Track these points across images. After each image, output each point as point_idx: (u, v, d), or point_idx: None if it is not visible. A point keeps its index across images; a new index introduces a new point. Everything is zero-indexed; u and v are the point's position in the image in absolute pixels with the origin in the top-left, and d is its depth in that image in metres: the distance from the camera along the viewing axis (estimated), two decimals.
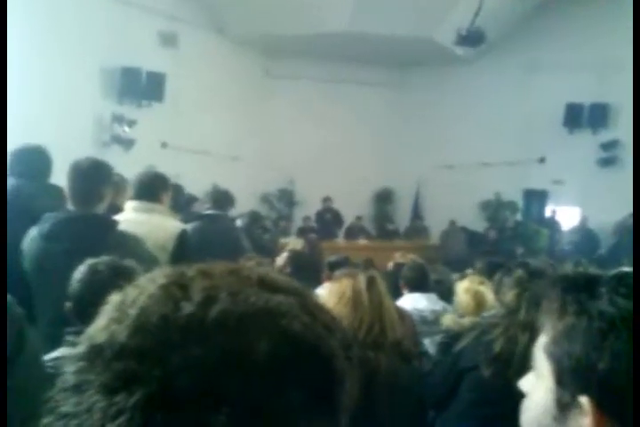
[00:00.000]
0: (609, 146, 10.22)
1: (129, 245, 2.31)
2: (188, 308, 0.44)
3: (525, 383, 0.79)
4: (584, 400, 0.67)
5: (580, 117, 10.53)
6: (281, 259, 4.08)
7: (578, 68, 10.38)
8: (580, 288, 0.73)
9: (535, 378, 0.77)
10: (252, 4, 9.82)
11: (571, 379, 0.69)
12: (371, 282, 1.92)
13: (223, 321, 0.43)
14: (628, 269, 0.77)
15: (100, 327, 0.45)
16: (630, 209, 9.34)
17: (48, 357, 1.55)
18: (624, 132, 10.08)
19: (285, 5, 9.61)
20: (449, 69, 11.79)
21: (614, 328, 0.66)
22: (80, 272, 1.77)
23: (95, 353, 0.43)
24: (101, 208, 2.41)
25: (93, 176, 2.37)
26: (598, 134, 10.47)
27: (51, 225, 2.22)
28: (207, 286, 0.46)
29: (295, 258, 4.06)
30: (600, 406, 0.66)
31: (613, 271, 0.75)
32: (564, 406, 0.70)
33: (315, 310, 0.49)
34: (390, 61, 11.98)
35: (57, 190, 2.65)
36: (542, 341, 0.76)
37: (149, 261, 2.23)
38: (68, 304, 1.75)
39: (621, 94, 9.98)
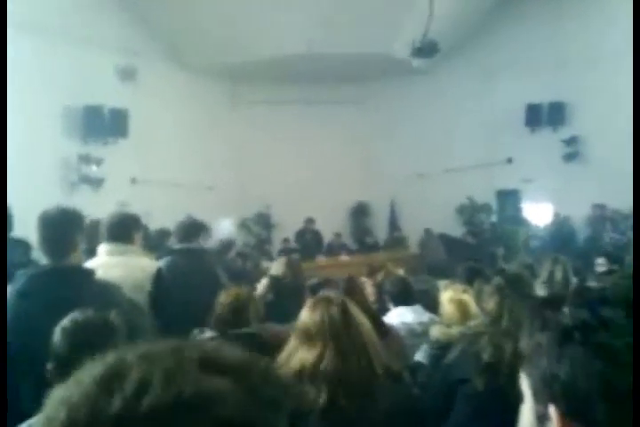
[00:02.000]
0: (570, 142, 10.47)
1: (108, 295, 2.26)
2: (118, 402, 0.43)
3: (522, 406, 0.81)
4: (551, 410, 0.69)
5: (539, 117, 10.79)
6: (261, 286, 4.05)
7: (533, 69, 10.66)
8: (546, 306, 0.77)
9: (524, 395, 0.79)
10: (210, 33, 9.88)
11: (541, 391, 0.72)
12: (343, 313, 1.85)
13: (154, 413, 0.42)
14: (593, 283, 0.80)
15: None
16: (597, 201, 9.56)
17: (27, 424, 1.45)
18: (582, 127, 10.36)
19: (243, 32, 9.70)
20: (409, 81, 11.98)
21: (569, 338, 0.69)
22: (62, 329, 1.67)
23: None
24: (75, 258, 2.36)
25: (64, 225, 2.31)
26: (559, 132, 10.72)
27: (24, 282, 2.17)
28: (142, 374, 0.45)
29: (275, 284, 4.03)
30: (566, 413, 0.68)
31: (575, 287, 0.79)
32: (540, 418, 0.72)
33: (258, 387, 0.47)
34: (352, 78, 12.13)
35: (21, 244, 2.60)
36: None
37: (130, 309, 2.19)
38: (50, 365, 1.65)
39: (576, 92, 10.27)
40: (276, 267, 4.99)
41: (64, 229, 2.31)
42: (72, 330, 1.66)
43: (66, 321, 1.69)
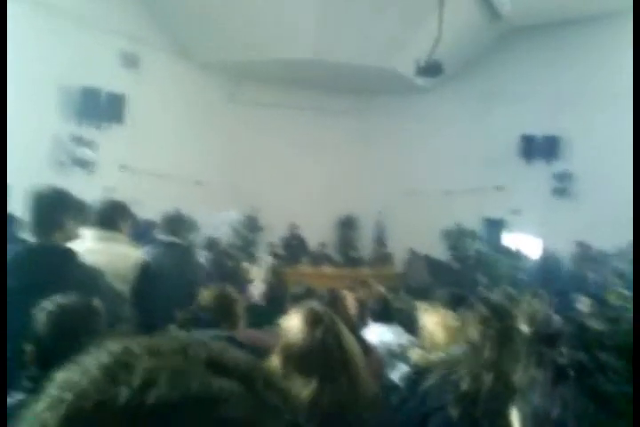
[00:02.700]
0: (561, 177, 10.57)
1: (91, 279, 2.20)
2: (124, 393, 0.42)
3: None
4: None
5: (533, 148, 10.89)
6: (256, 290, 4.00)
7: (532, 100, 10.78)
8: (542, 342, 0.77)
9: None
10: (217, 30, 9.86)
11: None
12: (338, 339, 1.78)
13: (159, 409, 0.42)
14: (590, 322, 0.81)
15: (36, 413, 0.44)
16: (582, 238, 9.66)
17: (15, 399, 1.43)
18: (575, 163, 10.47)
19: (250, 32, 9.69)
20: (409, 98, 12.06)
21: (564, 378, 0.69)
22: (44, 312, 1.61)
23: None
24: (62, 238, 2.29)
25: (54, 204, 2.26)
26: (552, 165, 10.82)
27: (8, 259, 2.08)
28: (150, 367, 0.45)
29: (271, 291, 3.99)
30: None
31: (572, 324, 0.80)
32: None
33: (262, 392, 0.47)
34: (353, 89, 12.19)
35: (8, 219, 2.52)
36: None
37: (112, 297, 2.12)
38: (28, 346, 1.58)
39: (572, 127, 10.39)
40: (259, 272, 4.96)
41: (51, 207, 2.27)
42: (55, 314, 1.61)
43: (49, 304, 1.64)
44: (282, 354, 1.76)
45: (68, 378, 0.45)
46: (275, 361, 1.75)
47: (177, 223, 3.99)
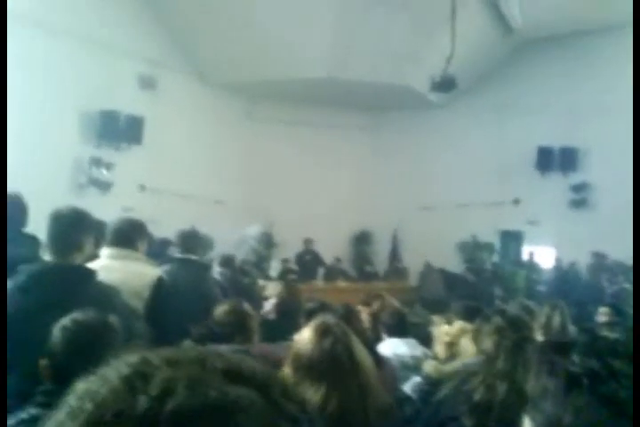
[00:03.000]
0: (579, 188, 10.49)
1: (107, 297, 2.25)
2: (143, 402, 0.43)
3: None
4: None
5: (550, 160, 10.84)
6: (269, 305, 4.03)
7: (548, 113, 10.75)
8: (554, 351, 0.75)
9: None
10: (232, 50, 10.06)
11: None
12: (348, 350, 1.80)
13: (177, 417, 0.42)
14: (605, 333, 0.81)
15: (56, 423, 0.45)
16: (598, 249, 9.53)
17: (15, 418, 1.45)
18: (592, 175, 10.38)
19: (265, 52, 9.87)
20: (423, 113, 12.11)
21: (577, 386, 0.69)
22: (62, 327, 1.66)
23: None
24: (80, 258, 2.35)
25: (73, 224, 2.32)
26: (569, 177, 10.75)
27: (25, 277, 2.15)
28: (168, 377, 0.45)
29: (282, 304, 4.02)
30: None
31: (585, 334, 0.79)
32: None
33: (280, 402, 0.48)
34: (367, 106, 12.29)
35: (31, 239, 2.60)
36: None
37: (127, 314, 2.18)
38: (44, 362, 1.63)
39: (589, 138, 10.34)
40: (275, 287, 4.98)
41: (71, 227, 2.32)
42: (72, 329, 1.65)
43: (67, 320, 1.68)
44: (292, 364, 1.80)
45: (88, 388, 0.46)
46: (286, 371, 1.79)
47: (192, 240, 4.02)
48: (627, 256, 8.95)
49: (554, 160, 10.85)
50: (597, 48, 10.50)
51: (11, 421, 1.44)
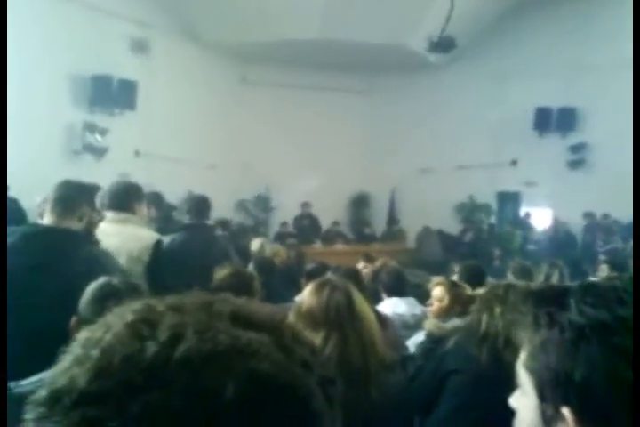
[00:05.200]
0: (577, 148, 10.44)
1: (98, 262, 2.24)
2: (152, 348, 0.42)
3: (513, 401, 0.79)
4: (566, 411, 0.67)
5: (549, 121, 10.74)
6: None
7: (546, 73, 10.59)
8: (549, 301, 0.74)
9: (521, 395, 0.77)
10: (225, 11, 9.78)
11: (551, 391, 0.69)
12: (348, 300, 1.84)
13: (188, 362, 0.41)
14: (594, 278, 0.79)
15: (62, 370, 0.43)
16: (597, 209, 9.56)
17: (29, 380, 1.46)
18: (591, 135, 10.32)
19: (258, 12, 9.61)
20: (421, 75, 11.91)
21: (584, 337, 0.67)
22: (92, 292, 1.71)
23: (54, 399, 0.41)
24: (77, 226, 2.33)
25: (74, 192, 2.35)
26: (567, 137, 10.68)
27: (15, 239, 2.15)
28: (175, 322, 0.44)
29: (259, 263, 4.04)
30: (582, 415, 0.66)
31: (580, 283, 0.77)
32: (548, 420, 0.70)
33: (291, 346, 0.47)
34: (364, 68, 12.06)
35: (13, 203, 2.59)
36: (522, 357, 0.76)
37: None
38: (75, 319, 1.68)
39: (588, 98, 10.22)
40: (256, 242, 5.01)
41: (71, 195, 2.33)
42: (103, 294, 1.69)
43: (95, 285, 1.72)
44: (294, 317, 1.85)
45: (92, 336, 0.45)
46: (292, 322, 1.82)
47: (200, 205, 4.06)
48: (624, 215, 9.00)
49: (552, 121, 10.75)
50: (598, 6, 10.25)
51: (24, 382, 1.44)
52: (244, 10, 9.64)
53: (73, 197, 2.33)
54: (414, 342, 3.19)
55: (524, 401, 0.76)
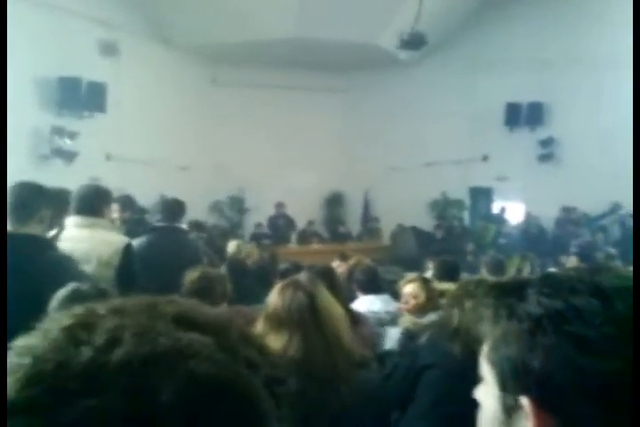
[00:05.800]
0: (546, 143, 10.60)
1: (62, 267, 2.21)
2: (87, 353, 0.41)
3: (478, 393, 0.80)
4: (524, 401, 0.68)
5: (518, 116, 10.88)
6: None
7: (515, 69, 10.72)
8: (510, 293, 0.75)
9: (483, 386, 0.77)
10: (196, 12, 9.69)
11: (511, 382, 0.70)
12: (311, 298, 1.83)
13: (126, 366, 0.41)
14: (554, 269, 0.79)
15: None
16: (567, 203, 9.74)
17: None
18: (559, 129, 10.49)
19: (229, 13, 9.54)
20: (393, 72, 11.97)
21: (541, 327, 0.67)
22: (60, 298, 1.69)
23: None
24: (39, 229, 2.31)
25: (30, 195, 2.30)
26: (536, 132, 10.84)
27: None
28: (114, 325, 0.43)
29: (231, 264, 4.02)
30: (541, 404, 0.67)
31: (540, 274, 0.77)
32: (509, 410, 0.71)
33: (235, 346, 0.46)
34: (335, 66, 12.08)
35: None
36: (484, 349, 0.77)
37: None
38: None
39: (555, 93, 10.38)
40: (232, 244, 4.99)
41: (27, 198, 2.29)
42: (71, 300, 1.66)
43: (63, 291, 1.70)
44: (261, 319, 1.85)
45: (27, 343, 0.44)
46: (258, 327, 1.83)
47: (172, 208, 4.01)
48: (592, 208, 9.18)
49: (522, 116, 10.90)
50: (568, 4, 10.40)
51: None
52: (214, 10, 9.57)
53: (30, 199, 2.29)
54: (391, 338, 3.22)
55: (486, 392, 0.76)
